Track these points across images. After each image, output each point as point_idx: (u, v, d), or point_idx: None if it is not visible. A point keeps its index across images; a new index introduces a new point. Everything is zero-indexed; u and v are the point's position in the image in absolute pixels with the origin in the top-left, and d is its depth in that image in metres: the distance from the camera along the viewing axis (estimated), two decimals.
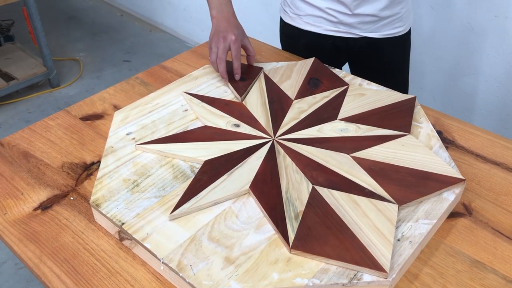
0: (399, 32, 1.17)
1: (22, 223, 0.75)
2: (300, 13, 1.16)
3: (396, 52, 1.22)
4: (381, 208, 0.70)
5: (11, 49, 2.61)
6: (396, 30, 1.16)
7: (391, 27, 1.15)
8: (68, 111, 0.99)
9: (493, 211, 0.76)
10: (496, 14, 1.56)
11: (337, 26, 1.14)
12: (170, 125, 0.89)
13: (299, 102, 0.95)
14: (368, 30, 1.14)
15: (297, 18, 1.18)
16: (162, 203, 0.73)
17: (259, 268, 0.64)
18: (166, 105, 0.95)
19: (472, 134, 0.92)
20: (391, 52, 1.20)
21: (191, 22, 2.86)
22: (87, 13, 3.34)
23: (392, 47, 1.19)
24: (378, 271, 0.62)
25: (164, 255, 0.65)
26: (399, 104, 0.93)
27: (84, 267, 0.68)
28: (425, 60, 1.83)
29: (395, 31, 1.16)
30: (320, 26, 1.15)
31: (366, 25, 1.13)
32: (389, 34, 1.16)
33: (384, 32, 1.15)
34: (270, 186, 0.75)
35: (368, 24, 1.12)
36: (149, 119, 0.91)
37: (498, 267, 0.68)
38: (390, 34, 1.16)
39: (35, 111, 2.37)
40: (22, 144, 0.90)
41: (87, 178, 0.83)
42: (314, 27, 1.16)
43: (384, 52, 1.19)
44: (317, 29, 1.16)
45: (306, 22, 1.16)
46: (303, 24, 1.17)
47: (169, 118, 0.91)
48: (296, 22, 1.19)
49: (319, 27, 1.15)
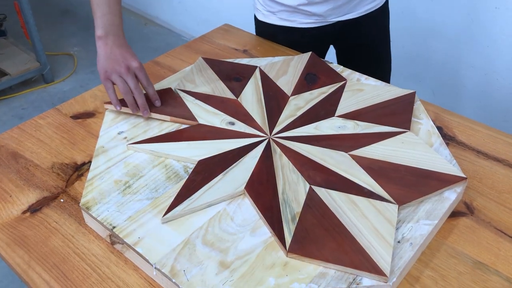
0: (376, 5, 1.14)
1: (10, 226, 0.73)
2: (273, 9, 1.13)
3: (377, 24, 1.19)
4: (380, 209, 0.68)
5: (3, 44, 2.57)
6: (371, 5, 1.13)
7: (366, 3, 1.12)
8: (58, 109, 0.96)
9: (496, 210, 0.74)
10: (496, 5, 1.54)
11: (311, 18, 1.11)
12: (163, 124, 0.87)
13: (296, 99, 0.93)
14: (342, 13, 1.11)
15: (270, 15, 1.15)
16: (154, 205, 0.71)
17: (255, 272, 0.61)
18: None
19: (473, 129, 0.90)
20: (371, 25, 1.17)
21: (186, 15, 2.82)
22: (81, 6, 3.30)
23: (372, 20, 1.16)
24: (378, 275, 0.60)
25: (156, 260, 0.63)
26: (398, 100, 0.91)
27: (74, 273, 0.66)
28: (424, 53, 1.80)
29: (371, 6, 1.13)
30: (295, 20, 1.12)
31: (340, 9, 1.10)
32: (365, 11, 1.13)
33: (359, 10, 1.12)
34: (266, 187, 0.72)
35: (341, 7, 1.09)
36: (141, 118, 0.88)
37: (502, 269, 0.66)
38: (366, 11, 1.13)
39: (28, 107, 2.34)
40: (11, 144, 0.88)
41: (78, 179, 0.80)
42: (289, 21, 1.13)
43: (364, 28, 1.16)
44: (292, 24, 1.13)
45: (280, 18, 1.13)
46: (278, 20, 1.14)
47: None
48: (270, 19, 1.16)
49: (293, 21, 1.12)
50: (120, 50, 0.86)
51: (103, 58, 0.85)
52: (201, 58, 1.05)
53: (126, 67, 0.85)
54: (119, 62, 0.85)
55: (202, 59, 1.04)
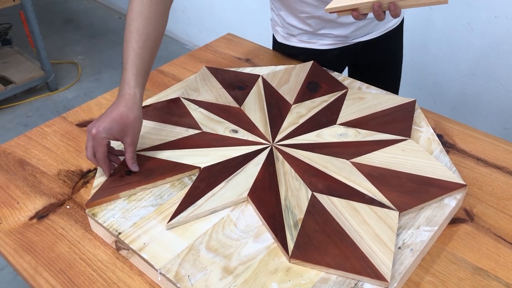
0: (395, 24, 1.16)
1: (18, 233, 0.74)
2: (293, 32, 1.12)
3: (394, 42, 1.21)
4: (381, 215, 0.69)
5: (8, 53, 2.60)
6: (391, 24, 1.15)
7: (385, 22, 1.13)
8: (64, 117, 0.98)
9: (495, 217, 0.75)
10: (496, 14, 1.55)
11: (333, 39, 1.11)
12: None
13: (298, 107, 0.94)
14: (364, 33, 1.12)
15: (290, 37, 1.14)
16: (159, 212, 0.72)
17: (258, 278, 0.63)
18: None
19: (473, 137, 0.91)
20: (390, 43, 1.19)
21: (189, 24, 2.85)
22: (85, 15, 3.33)
23: (390, 38, 1.18)
24: (379, 280, 0.61)
25: (161, 265, 0.64)
26: (399, 108, 0.92)
27: (80, 278, 0.67)
28: (425, 61, 1.82)
29: (390, 24, 1.15)
30: (316, 42, 1.12)
31: (361, 30, 1.10)
32: (384, 30, 1.14)
33: (380, 29, 1.13)
34: (268, 194, 0.74)
35: (362, 28, 1.10)
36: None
37: (501, 275, 0.67)
38: (386, 30, 1.15)
39: (33, 115, 2.36)
40: (18, 151, 0.89)
41: (84, 186, 0.82)
42: (310, 43, 1.12)
43: (383, 46, 1.18)
44: (313, 45, 1.12)
45: (300, 40, 1.13)
46: (298, 42, 1.13)
47: None
48: (290, 41, 1.15)
49: (315, 43, 1.12)
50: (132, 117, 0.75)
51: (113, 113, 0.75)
52: (204, 67, 1.06)
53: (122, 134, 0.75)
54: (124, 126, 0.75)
55: (206, 68, 1.06)
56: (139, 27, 0.78)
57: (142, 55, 0.78)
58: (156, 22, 0.81)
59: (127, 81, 0.77)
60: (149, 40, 0.79)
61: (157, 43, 0.83)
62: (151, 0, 0.80)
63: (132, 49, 0.78)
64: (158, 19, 0.81)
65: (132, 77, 0.77)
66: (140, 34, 0.78)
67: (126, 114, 0.75)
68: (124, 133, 0.75)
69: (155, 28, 0.81)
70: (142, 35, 0.79)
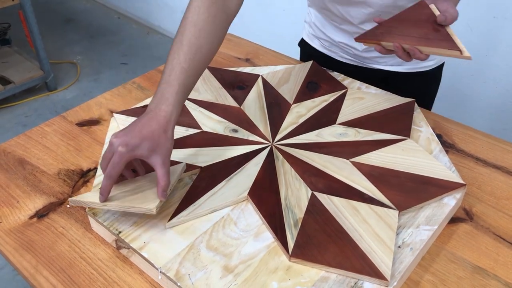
0: (429, 66, 1.00)
1: (18, 232, 0.74)
2: (317, 35, 1.10)
3: (421, 88, 1.02)
4: (381, 214, 0.70)
5: (7, 52, 2.60)
6: (425, 64, 0.99)
7: None
8: (64, 116, 0.98)
9: (494, 216, 0.76)
10: (494, 15, 1.56)
11: (350, 55, 1.06)
12: None
13: (298, 106, 0.94)
14: (386, 63, 1.00)
15: (314, 39, 1.13)
16: (159, 211, 0.72)
17: (258, 277, 0.63)
18: None
19: (472, 137, 0.92)
20: (416, 88, 1.02)
21: None
22: (84, 15, 3.33)
23: (420, 78, 1.01)
24: (379, 279, 0.61)
25: (161, 264, 0.64)
26: (398, 108, 0.93)
27: (80, 277, 0.67)
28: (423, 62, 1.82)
29: (424, 65, 0.99)
30: (336, 52, 1.09)
31: (385, 58, 0.98)
32: (414, 68, 0.99)
33: (408, 65, 0.98)
34: (269, 193, 0.74)
35: (387, 56, 0.97)
36: None
37: (500, 274, 0.67)
38: (416, 68, 0.99)
39: (32, 115, 2.36)
40: (18, 151, 0.89)
41: (84, 185, 0.82)
42: (329, 51, 1.10)
43: (409, 84, 1.01)
44: (332, 54, 1.10)
45: (322, 45, 1.11)
46: (320, 47, 1.11)
47: None
48: (314, 43, 1.13)
49: (335, 53, 1.09)
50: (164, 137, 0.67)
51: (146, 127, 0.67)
52: None
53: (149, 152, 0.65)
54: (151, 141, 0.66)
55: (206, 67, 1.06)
56: (190, 38, 0.71)
57: (188, 70, 0.70)
58: (211, 35, 0.73)
59: (166, 96, 0.68)
60: (199, 53, 0.71)
61: (208, 58, 0.74)
62: (209, 10, 0.72)
63: (178, 63, 0.70)
64: (214, 31, 0.73)
65: (172, 93, 0.68)
66: (190, 46, 0.70)
67: (158, 133, 0.66)
68: (153, 152, 0.66)
69: (209, 41, 0.72)
70: (193, 47, 0.70)
